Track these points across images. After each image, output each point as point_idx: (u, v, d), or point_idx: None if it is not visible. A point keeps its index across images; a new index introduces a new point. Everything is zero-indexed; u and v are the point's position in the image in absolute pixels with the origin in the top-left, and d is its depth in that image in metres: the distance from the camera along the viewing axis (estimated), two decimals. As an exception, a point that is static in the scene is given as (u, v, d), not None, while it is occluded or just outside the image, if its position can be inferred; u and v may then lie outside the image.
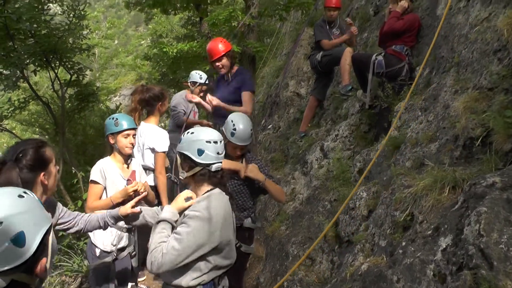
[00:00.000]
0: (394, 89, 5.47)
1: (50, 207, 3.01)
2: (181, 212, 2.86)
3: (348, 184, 5.26)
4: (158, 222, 2.82)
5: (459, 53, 4.24)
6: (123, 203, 3.65)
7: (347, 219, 4.52)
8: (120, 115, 4.29)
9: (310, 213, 5.49)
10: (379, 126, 5.60)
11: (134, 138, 4.21)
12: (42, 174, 2.67)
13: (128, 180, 4.18)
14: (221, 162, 2.93)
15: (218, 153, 2.90)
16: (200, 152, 2.84)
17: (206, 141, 2.87)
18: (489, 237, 2.31)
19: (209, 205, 2.75)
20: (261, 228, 6.18)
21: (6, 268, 1.57)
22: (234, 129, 3.91)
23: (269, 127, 10.14)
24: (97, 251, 4.06)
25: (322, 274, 4.56)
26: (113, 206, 3.79)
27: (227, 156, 3.49)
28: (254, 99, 5.29)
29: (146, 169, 4.79)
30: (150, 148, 4.83)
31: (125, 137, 4.13)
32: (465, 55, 4.08)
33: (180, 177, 2.92)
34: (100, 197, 4.04)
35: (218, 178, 2.92)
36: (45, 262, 1.73)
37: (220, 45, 5.45)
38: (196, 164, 2.87)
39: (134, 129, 4.24)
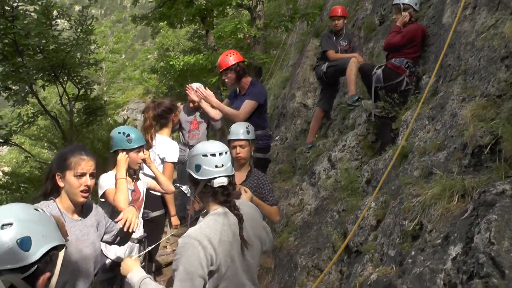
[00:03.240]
0: (399, 99, 5.46)
1: (88, 210, 3.16)
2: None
3: (356, 194, 5.22)
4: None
5: (465, 61, 4.23)
6: None
7: (355, 229, 4.49)
8: (130, 130, 4.15)
9: (318, 224, 5.46)
10: (385, 137, 5.57)
11: (144, 152, 4.16)
12: (57, 173, 2.93)
13: (133, 191, 4.17)
14: (226, 177, 2.69)
15: (216, 166, 2.66)
16: (198, 167, 2.67)
17: (202, 155, 2.68)
18: (500, 245, 2.29)
19: (198, 228, 2.54)
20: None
21: (8, 267, 1.61)
22: None
23: (276, 138, 10.13)
24: (108, 262, 4.02)
25: (331, 285, 4.52)
26: None
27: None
28: (252, 108, 5.30)
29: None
30: (160, 158, 4.86)
31: (137, 153, 4.08)
32: (472, 62, 4.07)
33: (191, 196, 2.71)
34: None
35: (224, 195, 2.67)
36: (47, 276, 1.75)
37: (227, 59, 5.42)
38: (198, 181, 2.70)
39: (144, 143, 4.19)
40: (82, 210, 3.09)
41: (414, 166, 4.16)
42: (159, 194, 4.77)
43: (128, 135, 4.04)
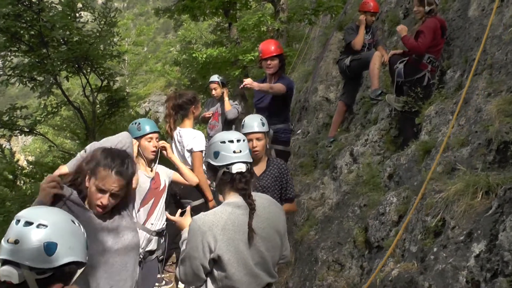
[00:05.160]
0: (422, 94, 5.36)
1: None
2: None
3: (378, 189, 5.18)
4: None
5: (492, 55, 4.15)
6: None
7: (376, 225, 4.46)
8: (143, 120, 4.37)
9: (339, 218, 5.44)
10: (407, 131, 5.51)
11: (157, 141, 4.27)
12: (87, 171, 2.75)
13: (152, 179, 4.24)
14: (244, 163, 2.69)
15: (234, 152, 2.67)
16: (216, 154, 2.69)
17: (221, 142, 2.71)
18: (525, 243, 2.25)
19: (203, 214, 2.61)
20: (290, 233, 6.15)
21: (26, 263, 1.71)
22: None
23: (298, 132, 10.11)
24: None
25: (352, 280, 4.51)
26: None
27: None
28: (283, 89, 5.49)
29: None
30: (188, 150, 4.90)
31: (148, 141, 4.19)
32: (499, 57, 3.99)
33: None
34: None
35: (242, 182, 2.66)
36: (59, 287, 1.82)
37: (274, 46, 5.50)
38: (217, 168, 2.71)
39: (157, 132, 4.29)
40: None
41: (437, 161, 4.11)
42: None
43: (139, 123, 4.24)
